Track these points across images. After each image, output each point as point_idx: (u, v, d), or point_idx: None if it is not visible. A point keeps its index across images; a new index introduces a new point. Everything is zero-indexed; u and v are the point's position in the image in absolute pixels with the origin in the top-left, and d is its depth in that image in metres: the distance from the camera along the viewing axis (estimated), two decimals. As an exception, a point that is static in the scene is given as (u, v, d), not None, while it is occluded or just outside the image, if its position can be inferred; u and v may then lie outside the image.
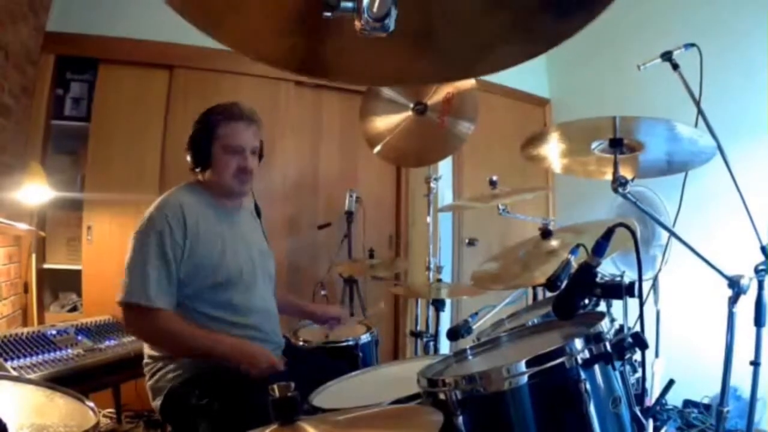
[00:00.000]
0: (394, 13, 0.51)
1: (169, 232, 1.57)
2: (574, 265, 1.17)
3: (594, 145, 1.38)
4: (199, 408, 1.48)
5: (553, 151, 1.51)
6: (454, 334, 1.71)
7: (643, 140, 1.34)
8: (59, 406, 1.15)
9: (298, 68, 0.70)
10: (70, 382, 1.64)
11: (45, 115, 2.85)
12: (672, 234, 1.49)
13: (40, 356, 1.82)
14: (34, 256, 2.61)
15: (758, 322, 1.46)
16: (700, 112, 1.87)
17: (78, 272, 2.87)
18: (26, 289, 2.64)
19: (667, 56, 1.94)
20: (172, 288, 1.57)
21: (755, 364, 1.50)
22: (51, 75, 2.86)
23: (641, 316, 1.10)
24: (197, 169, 1.75)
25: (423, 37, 0.63)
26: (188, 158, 1.75)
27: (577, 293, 1.10)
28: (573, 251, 1.21)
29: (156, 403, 1.60)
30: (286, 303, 2.01)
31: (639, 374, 1.58)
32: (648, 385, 1.89)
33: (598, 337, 0.99)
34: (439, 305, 2.42)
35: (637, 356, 1.10)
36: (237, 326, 1.64)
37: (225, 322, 1.62)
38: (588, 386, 0.93)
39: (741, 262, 1.47)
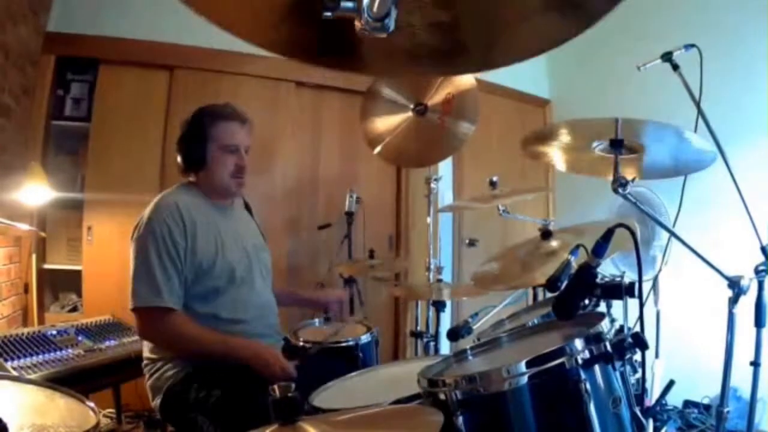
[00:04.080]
0: (394, 13, 0.51)
1: (168, 232, 1.57)
2: (574, 265, 1.16)
3: (595, 144, 1.38)
4: (197, 402, 1.48)
5: (554, 147, 1.51)
6: (454, 335, 1.71)
7: (644, 143, 1.34)
8: (59, 406, 1.15)
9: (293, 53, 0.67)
10: (70, 382, 1.64)
11: (45, 116, 2.85)
12: (672, 234, 1.49)
13: (41, 356, 1.82)
14: (34, 256, 2.61)
15: (758, 323, 1.46)
16: (700, 112, 1.87)
17: (78, 272, 2.87)
18: (26, 289, 2.64)
19: (667, 57, 1.94)
20: (180, 287, 1.58)
21: (755, 364, 1.50)
22: (51, 75, 2.86)
23: (641, 317, 1.10)
24: (189, 171, 1.76)
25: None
26: (179, 160, 1.76)
27: (577, 294, 1.10)
28: (573, 252, 1.20)
29: (156, 402, 1.61)
30: (286, 295, 2.01)
31: (639, 374, 1.58)
32: (648, 385, 1.89)
33: (598, 338, 0.99)
34: (439, 306, 2.42)
35: (637, 356, 1.10)
36: (236, 322, 1.65)
37: (224, 319, 1.63)
38: (588, 386, 0.93)
39: (741, 263, 1.47)
